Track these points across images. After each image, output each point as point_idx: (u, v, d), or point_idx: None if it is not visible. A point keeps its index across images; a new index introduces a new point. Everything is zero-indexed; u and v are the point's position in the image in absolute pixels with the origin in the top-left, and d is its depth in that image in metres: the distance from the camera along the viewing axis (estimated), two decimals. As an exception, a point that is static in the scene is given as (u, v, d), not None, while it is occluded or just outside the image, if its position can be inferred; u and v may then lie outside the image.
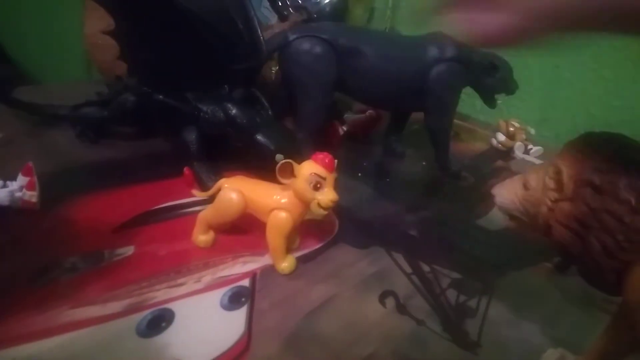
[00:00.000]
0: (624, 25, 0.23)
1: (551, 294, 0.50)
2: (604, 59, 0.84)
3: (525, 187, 0.35)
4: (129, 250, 0.49)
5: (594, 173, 0.29)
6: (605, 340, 0.35)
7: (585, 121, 0.88)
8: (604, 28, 0.25)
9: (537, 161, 0.83)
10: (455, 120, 0.77)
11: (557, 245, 0.32)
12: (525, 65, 0.93)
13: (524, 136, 0.85)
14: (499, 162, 0.83)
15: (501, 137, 0.87)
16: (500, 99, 0.73)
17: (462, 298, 0.48)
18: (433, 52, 0.67)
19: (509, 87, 0.71)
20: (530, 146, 0.84)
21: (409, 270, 0.51)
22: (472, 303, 0.47)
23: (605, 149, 0.30)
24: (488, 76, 0.69)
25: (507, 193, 0.37)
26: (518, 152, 0.84)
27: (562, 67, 0.90)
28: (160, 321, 0.40)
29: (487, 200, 0.63)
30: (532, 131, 0.87)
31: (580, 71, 0.88)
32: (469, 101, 0.97)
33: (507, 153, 0.86)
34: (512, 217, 0.38)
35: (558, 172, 0.31)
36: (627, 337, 0.34)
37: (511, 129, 0.86)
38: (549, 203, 0.32)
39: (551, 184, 0.32)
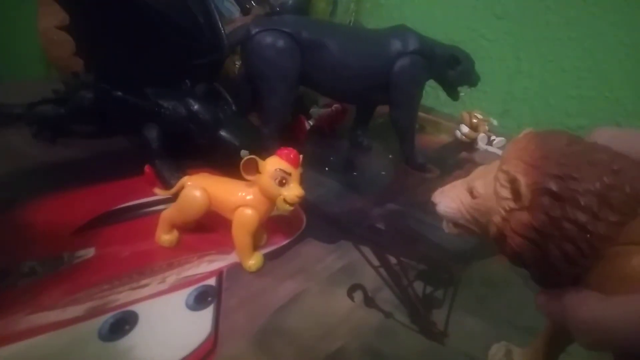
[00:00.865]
0: None
1: (515, 282, 0.51)
2: (562, 50, 0.86)
3: (472, 194, 0.33)
4: (89, 252, 0.47)
5: (551, 180, 0.28)
6: (550, 329, 0.36)
7: (545, 111, 0.90)
8: None
9: (500, 152, 0.84)
10: (420, 113, 0.78)
11: (510, 254, 0.31)
12: (486, 57, 0.95)
13: (487, 127, 0.87)
14: (463, 153, 0.85)
15: (465, 129, 0.88)
16: (463, 91, 0.74)
17: (429, 289, 0.48)
18: (396, 45, 0.67)
19: (471, 79, 0.73)
20: (493, 137, 0.86)
21: (376, 263, 0.51)
22: (439, 294, 0.48)
23: (557, 152, 0.28)
24: (451, 69, 0.70)
25: (450, 201, 0.35)
26: (481, 143, 0.85)
27: (523, 59, 0.92)
28: (123, 324, 0.39)
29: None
30: (495, 122, 0.89)
31: (540, 63, 0.90)
32: (433, 94, 0.98)
33: (471, 144, 0.87)
34: (457, 225, 0.35)
35: (513, 181, 0.29)
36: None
37: (474, 120, 0.87)
38: (503, 213, 0.30)
39: (504, 192, 0.30)
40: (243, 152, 0.54)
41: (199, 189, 0.47)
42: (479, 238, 0.34)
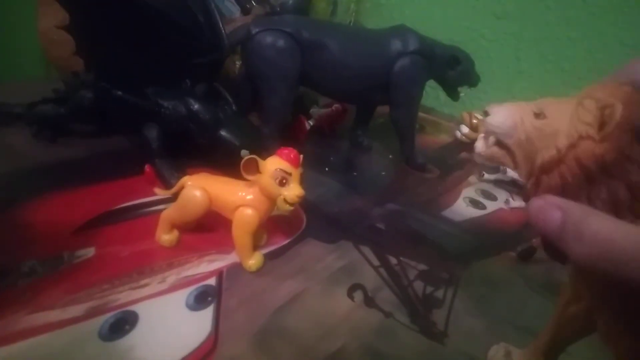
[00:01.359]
0: None
1: (515, 282, 0.51)
2: (562, 50, 0.86)
3: (540, 115, 0.30)
4: (89, 252, 0.47)
5: None
6: (551, 328, 0.36)
7: (545, 112, 0.90)
8: None
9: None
10: (420, 113, 0.78)
11: (549, 188, 0.28)
12: (486, 57, 0.95)
13: (487, 128, 0.87)
14: (463, 153, 0.85)
15: (465, 129, 0.88)
16: (463, 91, 0.74)
17: (429, 289, 0.48)
18: (396, 45, 0.67)
19: (471, 79, 0.73)
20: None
21: (376, 263, 0.51)
22: (439, 294, 0.48)
23: None
24: (451, 69, 0.70)
25: (510, 115, 0.31)
26: (482, 144, 0.85)
27: (523, 59, 0.92)
28: (123, 324, 0.39)
29: (452, 191, 0.64)
30: (495, 122, 0.88)
31: (539, 63, 0.90)
32: (432, 94, 0.98)
33: (471, 144, 0.87)
34: (499, 144, 0.32)
35: (606, 108, 0.27)
36: (571, 323, 0.34)
37: (474, 121, 0.87)
38: (575, 137, 0.27)
39: (588, 117, 0.27)
40: (243, 152, 0.54)
41: (199, 188, 0.47)
42: (507, 167, 0.31)
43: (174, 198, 0.48)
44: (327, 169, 0.72)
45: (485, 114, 0.32)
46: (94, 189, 0.57)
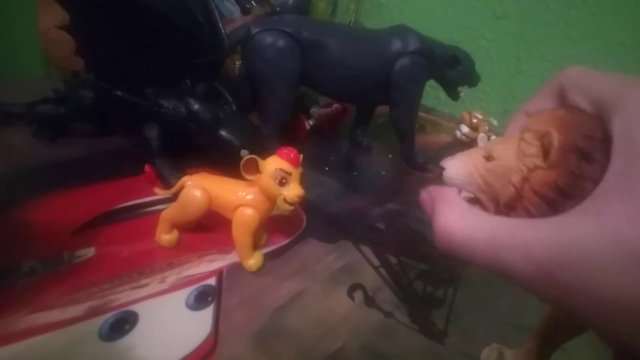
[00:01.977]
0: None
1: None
2: (562, 50, 0.86)
3: (489, 157, 0.31)
4: (89, 251, 0.47)
5: (583, 140, 0.27)
6: (544, 327, 0.36)
7: (545, 112, 0.90)
8: None
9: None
10: (420, 113, 0.78)
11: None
12: (486, 57, 0.95)
13: (487, 127, 0.87)
14: (463, 153, 0.85)
15: (465, 128, 0.88)
16: (463, 91, 0.74)
17: (429, 289, 0.48)
18: (396, 45, 0.67)
19: (471, 79, 0.73)
20: (493, 137, 0.86)
21: (376, 263, 0.51)
22: (439, 293, 0.48)
23: (591, 120, 0.27)
24: (451, 69, 0.70)
25: (462, 165, 0.33)
26: (481, 144, 0.85)
27: (523, 59, 0.92)
28: (123, 324, 0.39)
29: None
30: (495, 122, 0.89)
31: (539, 63, 0.90)
32: (433, 94, 0.98)
33: (471, 144, 0.87)
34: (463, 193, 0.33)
35: (545, 137, 0.28)
36: (562, 322, 0.35)
37: (474, 120, 0.87)
38: (525, 171, 0.29)
39: (531, 150, 0.29)
40: (243, 152, 0.54)
41: (199, 188, 0.47)
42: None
43: (174, 198, 0.48)
44: (327, 168, 0.72)
45: (442, 169, 0.33)
46: (94, 188, 0.57)
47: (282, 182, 0.43)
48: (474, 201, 0.32)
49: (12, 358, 0.35)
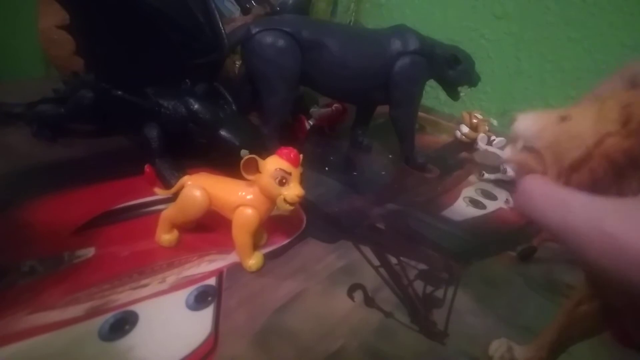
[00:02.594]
0: None
1: (515, 282, 0.51)
2: (562, 51, 0.86)
3: (565, 118, 0.31)
4: (89, 251, 0.47)
5: None
6: (559, 325, 0.36)
7: (545, 112, 0.90)
8: None
9: (500, 152, 0.84)
10: (420, 113, 0.78)
11: (584, 181, 0.28)
12: (486, 57, 0.95)
13: (487, 127, 0.87)
14: (463, 153, 0.85)
15: (465, 129, 0.88)
16: (463, 91, 0.74)
17: (429, 289, 0.48)
18: (396, 45, 0.67)
19: (471, 79, 0.72)
20: (493, 137, 0.86)
21: (376, 263, 0.51)
22: (439, 293, 0.48)
23: None
24: (451, 69, 0.70)
25: (537, 120, 0.32)
26: (481, 144, 0.85)
27: (523, 59, 0.92)
28: (123, 324, 0.39)
29: (452, 191, 0.64)
30: (495, 122, 0.89)
31: (539, 63, 0.90)
32: (433, 94, 0.98)
33: (471, 144, 0.87)
34: (528, 148, 0.32)
35: (629, 106, 0.28)
36: (580, 322, 0.34)
37: (474, 120, 0.87)
38: (602, 134, 0.28)
39: (612, 115, 0.28)
40: (243, 152, 0.54)
41: (199, 188, 0.47)
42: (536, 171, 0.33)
43: (174, 198, 0.48)
44: (327, 168, 0.72)
45: (512, 121, 0.33)
46: (94, 188, 0.57)
47: (282, 182, 0.43)
48: (531, 151, 0.32)
49: (12, 358, 0.35)
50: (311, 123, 0.81)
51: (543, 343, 0.38)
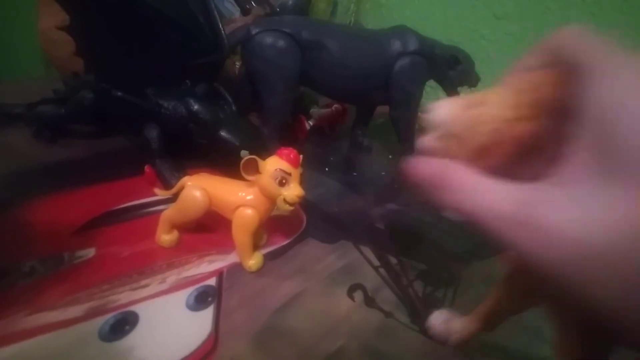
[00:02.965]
0: None
1: (515, 281, 0.51)
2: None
3: (476, 105, 0.32)
4: (89, 252, 0.47)
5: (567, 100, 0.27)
6: (491, 298, 0.37)
7: (545, 112, 0.90)
8: None
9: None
10: (420, 113, 0.78)
11: (494, 168, 0.29)
12: (486, 58, 0.95)
13: (486, 128, 0.87)
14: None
15: (465, 129, 0.88)
16: (463, 91, 0.74)
17: (429, 289, 0.48)
18: (396, 45, 0.67)
19: (471, 79, 0.72)
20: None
21: (376, 263, 0.51)
22: (439, 293, 0.48)
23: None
24: (451, 69, 0.70)
25: (451, 107, 0.33)
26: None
27: (522, 60, 0.92)
28: (123, 324, 0.39)
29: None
30: (495, 122, 0.88)
31: (539, 63, 0.90)
32: (433, 94, 0.98)
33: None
34: (443, 137, 0.33)
35: (520, 92, 0.30)
36: (512, 295, 0.35)
37: (474, 120, 0.87)
38: (511, 119, 0.29)
39: (519, 100, 0.30)
40: (243, 152, 0.54)
41: (199, 189, 0.47)
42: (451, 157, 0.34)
43: (174, 198, 0.48)
44: (327, 169, 0.72)
45: (428, 111, 0.33)
46: (94, 189, 0.57)
47: (282, 183, 0.43)
48: (447, 138, 0.33)
49: (12, 358, 0.35)
50: (311, 123, 0.81)
51: (478, 315, 0.38)
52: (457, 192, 0.24)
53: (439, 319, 0.41)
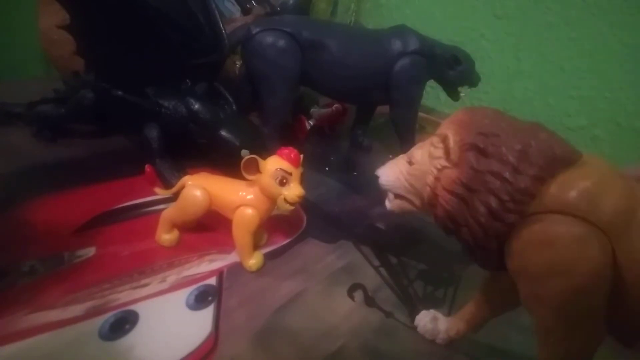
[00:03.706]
0: None
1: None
2: (562, 51, 0.86)
3: (410, 162, 0.36)
4: (89, 251, 0.47)
5: (478, 137, 0.30)
6: (475, 300, 0.39)
7: (545, 111, 0.90)
8: None
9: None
10: (420, 113, 0.78)
11: (443, 218, 0.33)
12: (487, 57, 0.95)
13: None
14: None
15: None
16: (464, 91, 0.74)
17: (429, 289, 0.48)
18: (397, 45, 0.67)
19: (471, 79, 0.72)
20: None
21: (376, 263, 0.51)
22: (439, 293, 0.48)
23: (486, 117, 0.32)
24: (451, 69, 0.70)
25: (391, 172, 0.37)
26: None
27: (523, 59, 0.92)
28: (123, 323, 0.39)
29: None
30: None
31: (539, 63, 0.90)
32: (433, 94, 0.98)
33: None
34: (397, 196, 0.38)
35: (445, 139, 0.32)
36: (494, 298, 0.37)
37: (474, 120, 0.87)
38: (435, 172, 0.33)
39: (437, 152, 0.33)
40: (243, 152, 0.54)
41: (200, 188, 0.47)
42: (416, 211, 0.37)
43: (174, 198, 0.48)
44: (327, 168, 0.72)
45: (376, 177, 0.39)
46: (94, 188, 0.57)
47: (283, 182, 0.43)
48: (400, 198, 0.38)
49: (12, 357, 0.35)
50: (311, 123, 0.81)
51: (462, 316, 0.40)
52: None
53: (426, 318, 0.42)
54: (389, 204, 0.39)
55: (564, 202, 0.28)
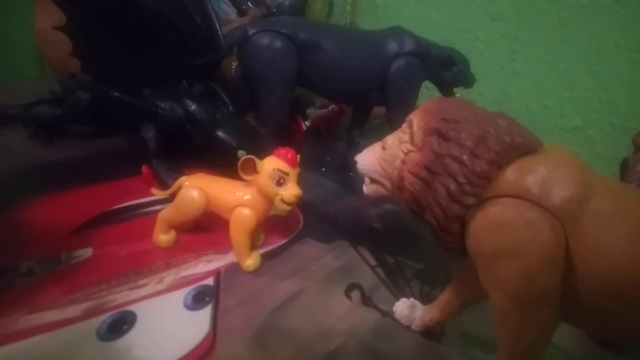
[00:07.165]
0: None
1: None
2: (557, 52, 0.87)
3: (384, 147, 0.37)
4: (87, 252, 0.47)
5: (440, 122, 0.32)
6: (449, 289, 0.40)
7: (540, 112, 0.91)
8: None
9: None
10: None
11: (409, 201, 0.34)
12: (482, 58, 0.95)
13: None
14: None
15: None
16: (459, 92, 0.75)
17: (426, 288, 0.49)
18: (392, 46, 0.67)
19: (466, 80, 0.73)
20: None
21: (373, 262, 0.52)
22: (436, 293, 0.48)
23: (453, 106, 0.33)
24: (446, 70, 0.70)
25: (367, 157, 0.39)
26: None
27: (517, 60, 0.93)
28: (121, 324, 0.39)
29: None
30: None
31: (534, 64, 0.90)
32: (429, 95, 0.98)
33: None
34: (372, 180, 0.39)
35: (410, 124, 0.34)
36: (469, 286, 0.38)
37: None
38: (402, 155, 0.34)
39: (404, 137, 0.35)
40: (240, 153, 0.54)
41: (197, 189, 0.47)
42: (391, 197, 0.39)
43: (171, 198, 0.48)
44: (323, 169, 0.72)
45: (355, 163, 0.41)
46: (91, 189, 0.57)
47: (280, 183, 0.44)
48: (375, 182, 0.39)
49: (10, 358, 0.35)
50: (308, 124, 0.81)
51: (437, 304, 0.41)
52: None
53: (403, 305, 0.43)
54: (366, 188, 0.41)
55: (519, 187, 0.29)
